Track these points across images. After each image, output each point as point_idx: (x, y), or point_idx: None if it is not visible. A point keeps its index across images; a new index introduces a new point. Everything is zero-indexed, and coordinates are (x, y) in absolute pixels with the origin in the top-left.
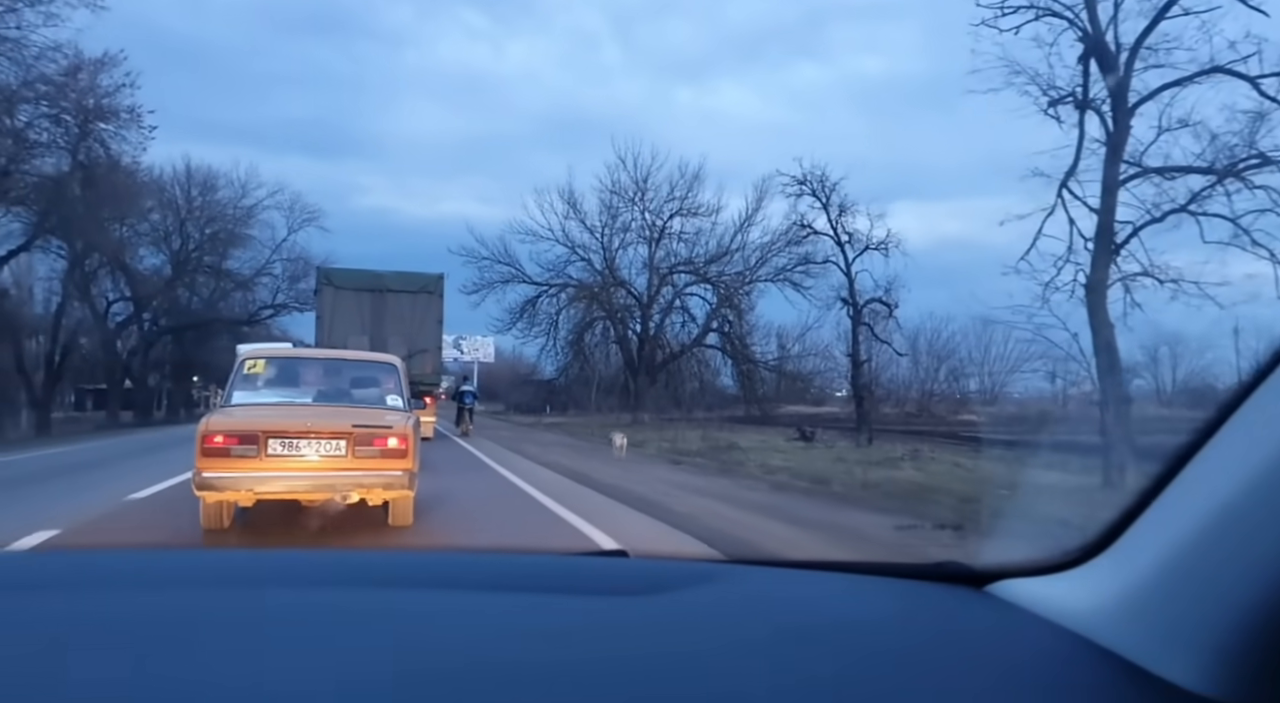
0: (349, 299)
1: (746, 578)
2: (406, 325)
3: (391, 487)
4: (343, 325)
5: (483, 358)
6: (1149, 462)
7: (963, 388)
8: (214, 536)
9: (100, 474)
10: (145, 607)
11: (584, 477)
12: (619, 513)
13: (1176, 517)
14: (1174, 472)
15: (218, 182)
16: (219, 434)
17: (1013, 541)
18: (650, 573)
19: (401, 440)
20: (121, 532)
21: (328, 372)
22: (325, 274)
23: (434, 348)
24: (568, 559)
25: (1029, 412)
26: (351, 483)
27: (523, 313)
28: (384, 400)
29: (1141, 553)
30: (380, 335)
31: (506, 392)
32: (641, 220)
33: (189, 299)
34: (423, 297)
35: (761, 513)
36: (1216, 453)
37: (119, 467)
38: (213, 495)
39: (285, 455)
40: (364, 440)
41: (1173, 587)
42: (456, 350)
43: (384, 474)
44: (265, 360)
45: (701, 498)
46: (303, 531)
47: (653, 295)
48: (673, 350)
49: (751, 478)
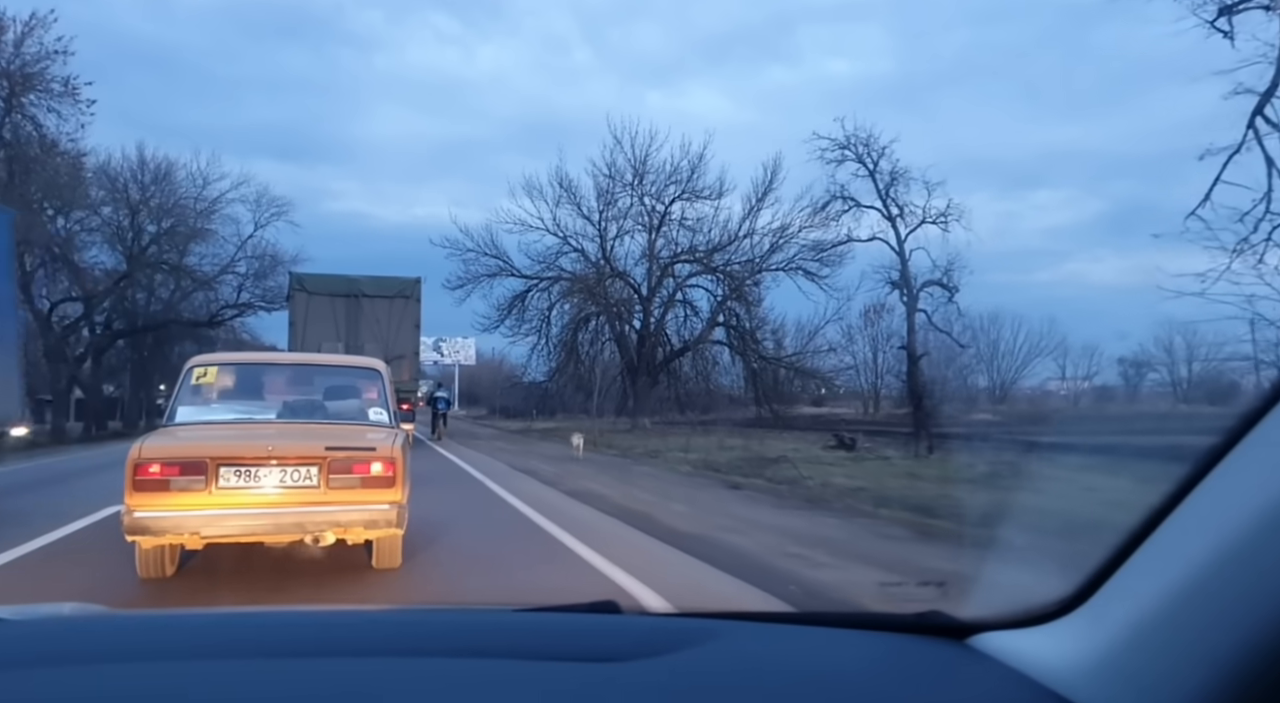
0: (323, 305)
1: (735, 635)
2: (383, 331)
3: (375, 524)
4: (316, 332)
5: (464, 360)
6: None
7: (1036, 383)
8: (155, 585)
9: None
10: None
11: (645, 519)
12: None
13: (1152, 572)
14: (1153, 524)
15: (175, 172)
16: (155, 462)
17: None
18: (640, 632)
19: (388, 466)
20: (38, 583)
21: (296, 380)
22: (298, 279)
23: (411, 353)
24: (555, 617)
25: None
26: (326, 521)
27: (511, 309)
28: (365, 414)
29: (1117, 608)
30: (356, 342)
31: (489, 395)
32: (640, 206)
33: (147, 301)
34: (399, 301)
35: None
36: (1193, 508)
37: (41, 494)
38: (149, 540)
39: (241, 488)
40: (341, 467)
41: (1147, 644)
42: (436, 353)
43: (366, 509)
44: (218, 367)
45: (857, 564)
46: (264, 574)
47: (653, 287)
48: (674, 348)
49: (847, 510)
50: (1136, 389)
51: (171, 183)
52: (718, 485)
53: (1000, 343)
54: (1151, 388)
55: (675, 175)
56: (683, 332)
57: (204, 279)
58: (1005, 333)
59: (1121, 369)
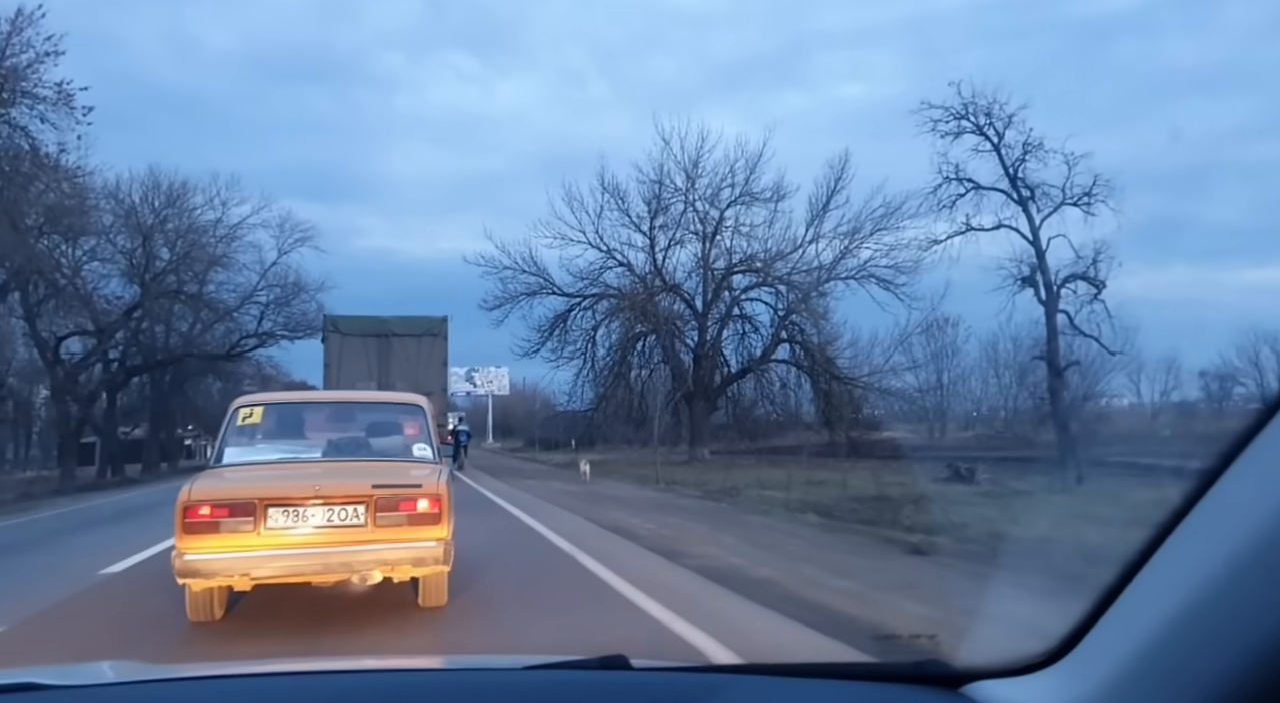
0: (356, 346)
1: (742, 690)
2: (413, 368)
3: (423, 562)
4: (350, 371)
5: (497, 390)
6: None
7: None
8: (203, 628)
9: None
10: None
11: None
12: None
13: (1136, 616)
14: (1137, 567)
15: (191, 195)
16: (205, 503)
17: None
18: (649, 688)
19: (434, 502)
20: (92, 623)
21: (340, 417)
22: (332, 322)
23: (439, 389)
24: (565, 675)
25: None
26: (373, 559)
27: (553, 331)
28: (409, 449)
29: (1103, 655)
30: (387, 379)
31: (523, 426)
32: (692, 212)
33: (166, 335)
34: (427, 340)
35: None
36: (1173, 552)
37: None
38: (199, 582)
39: (289, 528)
40: (388, 504)
41: (1132, 692)
42: (469, 383)
43: (414, 547)
44: (263, 406)
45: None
46: (308, 617)
47: (709, 302)
48: (730, 369)
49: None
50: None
51: (186, 205)
52: (874, 544)
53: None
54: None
55: (730, 178)
56: (739, 351)
57: (226, 311)
58: (1148, 340)
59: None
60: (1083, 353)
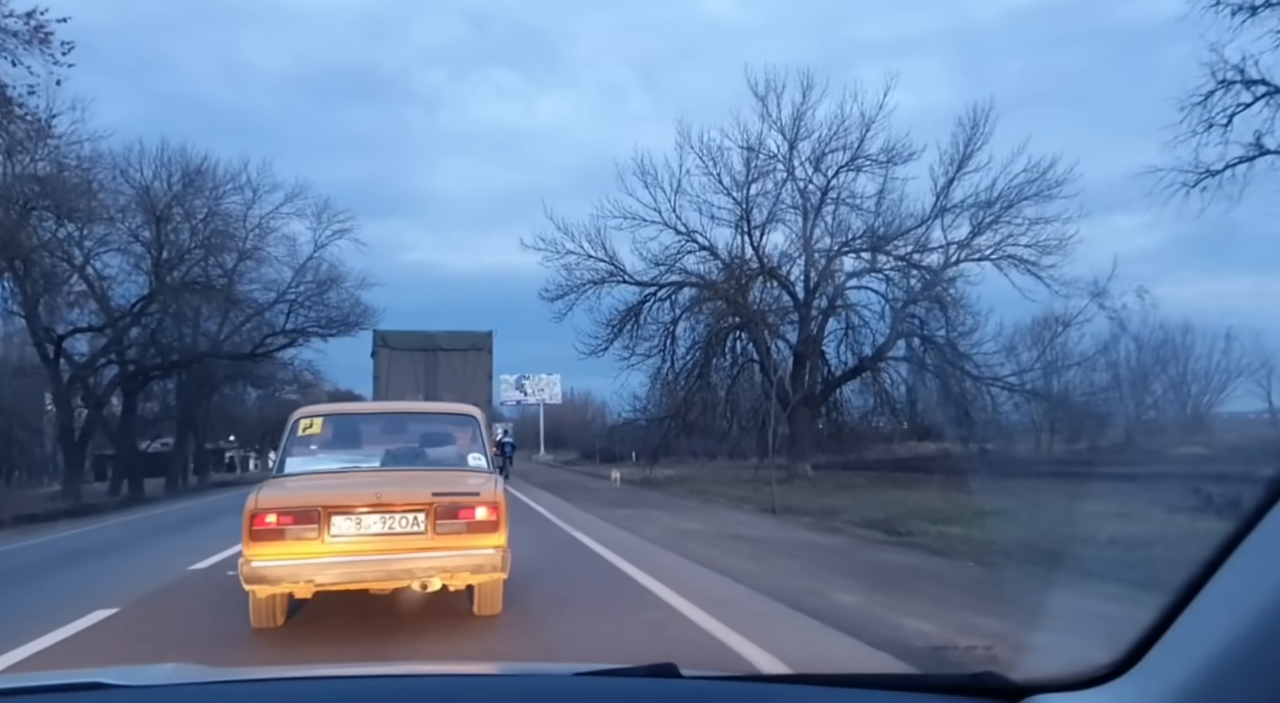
0: (403, 359)
1: (791, 699)
2: (459, 381)
3: (481, 569)
4: (398, 384)
5: (549, 399)
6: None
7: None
8: (265, 634)
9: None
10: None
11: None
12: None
13: (1201, 631)
14: (1201, 582)
15: (212, 171)
16: (271, 512)
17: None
18: (700, 696)
19: (492, 510)
20: (172, 619)
21: (395, 428)
22: (381, 336)
23: (484, 401)
24: (615, 682)
25: None
26: (433, 566)
27: (624, 325)
28: (465, 460)
29: (1167, 670)
30: (434, 392)
31: (576, 437)
32: (791, 182)
33: (194, 334)
34: (473, 353)
35: None
36: (1240, 566)
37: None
38: (265, 589)
39: (352, 535)
40: (447, 512)
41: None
42: (520, 392)
43: (472, 554)
44: (323, 418)
45: None
46: (366, 623)
47: (811, 290)
48: (831, 369)
49: None
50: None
51: (206, 185)
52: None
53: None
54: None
55: (839, 138)
56: (841, 348)
57: (256, 309)
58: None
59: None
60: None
